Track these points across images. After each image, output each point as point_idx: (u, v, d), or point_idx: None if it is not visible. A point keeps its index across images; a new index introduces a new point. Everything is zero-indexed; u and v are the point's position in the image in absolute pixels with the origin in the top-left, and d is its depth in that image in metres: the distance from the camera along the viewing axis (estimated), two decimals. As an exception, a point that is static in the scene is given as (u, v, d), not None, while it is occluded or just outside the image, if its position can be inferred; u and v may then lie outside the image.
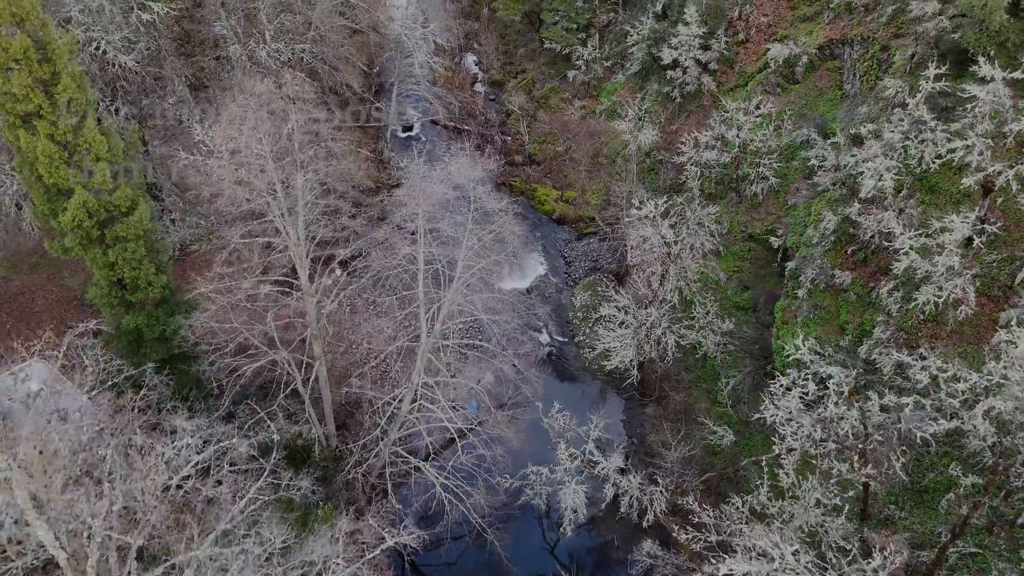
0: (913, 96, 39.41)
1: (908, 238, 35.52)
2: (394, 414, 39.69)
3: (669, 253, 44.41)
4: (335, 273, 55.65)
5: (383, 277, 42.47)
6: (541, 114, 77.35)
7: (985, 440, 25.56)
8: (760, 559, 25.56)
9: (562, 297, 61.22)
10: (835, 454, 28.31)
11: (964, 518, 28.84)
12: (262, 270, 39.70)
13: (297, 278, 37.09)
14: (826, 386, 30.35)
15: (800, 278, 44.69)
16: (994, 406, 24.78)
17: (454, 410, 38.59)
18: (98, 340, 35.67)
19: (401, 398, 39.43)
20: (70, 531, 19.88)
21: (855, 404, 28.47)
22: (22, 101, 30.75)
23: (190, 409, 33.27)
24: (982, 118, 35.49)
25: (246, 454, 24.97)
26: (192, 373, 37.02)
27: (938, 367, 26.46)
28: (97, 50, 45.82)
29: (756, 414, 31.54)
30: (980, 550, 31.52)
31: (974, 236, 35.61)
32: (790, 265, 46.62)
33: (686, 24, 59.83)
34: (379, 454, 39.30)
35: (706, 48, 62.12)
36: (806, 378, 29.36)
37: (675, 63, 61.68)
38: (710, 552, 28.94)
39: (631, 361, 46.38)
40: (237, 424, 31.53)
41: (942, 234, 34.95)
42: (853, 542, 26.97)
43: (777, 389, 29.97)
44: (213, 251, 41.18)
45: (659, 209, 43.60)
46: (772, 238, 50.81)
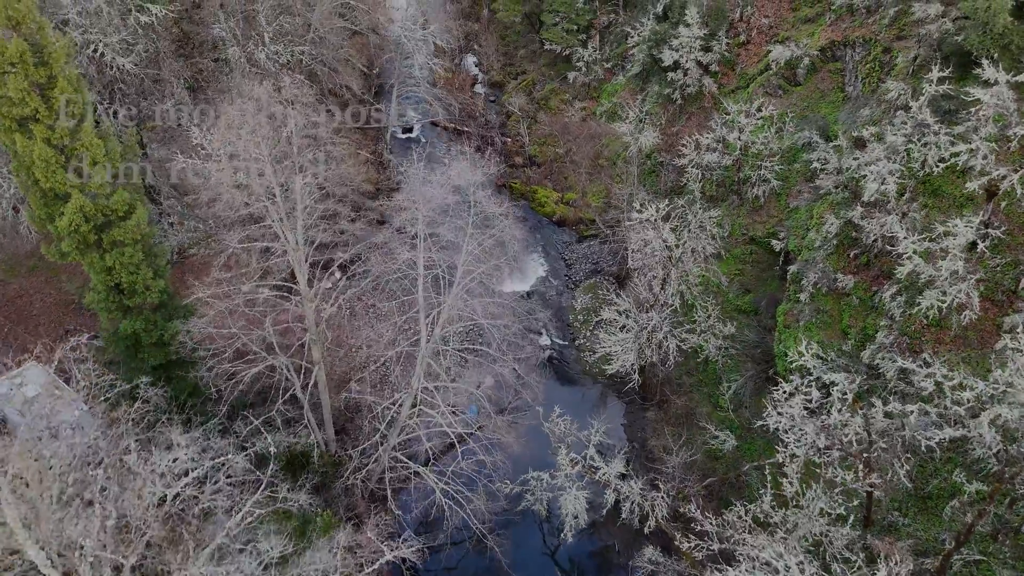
0: (916, 99, 39.14)
1: (911, 242, 35.23)
2: (394, 419, 39.40)
3: (670, 257, 44.14)
4: (335, 276, 55.34)
5: (383, 282, 42.18)
6: (541, 115, 77.06)
7: (991, 448, 25.30)
8: (764, 567, 25.29)
9: (562, 300, 60.94)
10: (839, 462, 28.02)
11: (969, 526, 28.57)
12: (261, 275, 39.41)
13: (296, 282, 36.81)
14: (829, 393, 30.10)
15: (802, 282, 44.41)
16: (1000, 414, 24.52)
17: (454, 415, 38.31)
18: (90, 353, 35.33)
19: (401, 403, 39.14)
20: (62, 551, 19.59)
21: (859, 411, 28.19)
22: (18, 105, 30.52)
23: (187, 422, 32.92)
24: (986, 121, 35.24)
25: (243, 467, 24.65)
26: (190, 379, 36.75)
27: (943, 375, 26.16)
28: (95, 52, 45.53)
29: (759, 421, 31.24)
30: (984, 557, 31.23)
31: (978, 240, 35.33)
32: (792, 269, 46.34)
33: (687, 25, 59.54)
34: (378, 459, 39.02)
35: (707, 50, 61.87)
36: (809, 384, 29.07)
37: (676, 65, 61.42)
38: (712, 562, 28.66)
39: (632, 365, 46.13)
40: (234, 436, 31.11)
41: (946, 238, 34.67)
42: (857, 552, 26.67)
43: (780, 395, 29.68)
44: (211, 255, 40.88)
45: (660, 213, 43.34)
46: (774, 241, 50.55)
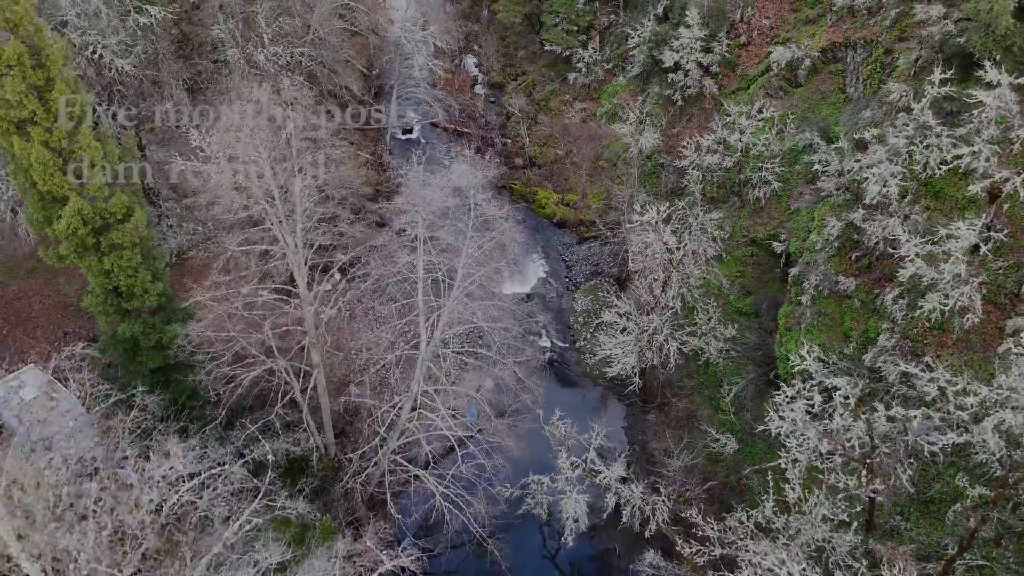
0: (917, 100, 38.94)
1: (914, 245, 35.04)
2: (393, 422, 39.22)
3: (671, 259, 43.96)
4: (334, 278, 55.15)
5: (382, 285, 41.98)
6: (541, 116, 76.89)
7: (995, 453, 25.12)
8: (767, 574, 25.11)
9: (563, 302, 60.75)
10: (841, 467, 27.83)
11: (972, 531, 28.40)
12: (260, 278, 39.22)
13: (295, 285, 36.62)
14: (831, 396, 29.91)
15: (803, 284, 44.20)
16: (1004, 419, 24.33)
17: (454, 418, 38.11)
18: (85, 363, 35.09)
19: (400, 406, 38.96)
20: (56, 565, 19.39)
21: (862, 416, 28.00)
22: (16, 107, 30.31)
23: (183, 431, 32.64)
24: (988, 123, 35.06)
25: (241, 475, 24.43)
26: (189, 383, 36.54)
27: (947, 380, 25.97)
28: (93, 54, 45.33)
29: (761, 425, 31.05)
30: (988, 563, 31.04)
31: (980, 243, 35.13)
32: (793, 271, 46.14)
33: (687, 26, 59.39)
34: (378, 463, 38.84)
35: (708, 51, 61.71)
36: (811, 389, 28.89)
37: (676, 66, 61.26)
38: (714, 568, 28.47)
39: (633, 368, 45.96)
40: (231, 444, 30.85)
41: (948, 241, 34.48)
42: (860, 559, 26.49)
43: (782, 400, 29.48)
44: (211, 258, 40.69)
45: (661, 215, 43.16)
46: (775, 243, 50.39)
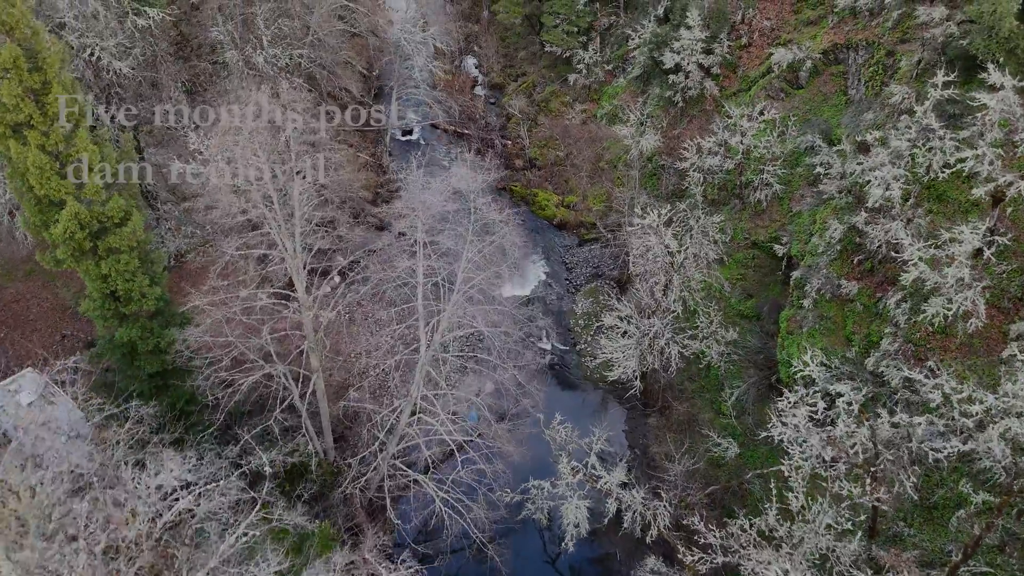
0: (920, 103, 38.70)
1: (917, 249, 34.80)
2: (393, 427, 38.98)
3: (673, 263, 43.71)
4: (334, 281, 54.89)
5: (382, 289, 41.72)
6: (542, 118, 76.61)
7: (1000, 461, 24.87)
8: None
9: (563, 304, 60.49)
10: (845, 474, 27.58)
11: (977, 538, 28.17)
12: (259, 282, 38.98)
13: (294, 290, 36.38)
14: (834, 401, 29.65)
15: (805, 288, 43.96)
16: (1010, 427, 24.09)
17: (454, 423, 37.85)
18: (79, 376, 34.82)
19: (400, 411, 38.72)
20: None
21: (865, 422, 27.76)
22: (12, 111, 30.10)
23: (178, 442, 32.32)
24: (991, 126, 34.81)
25: (238, 487, 24.19)
26: (187, 388, 36.29)
27: (952, 387, 25.71)
28: (91, 56, 45.09)
29: (763, 431, 30.80)
30: (992, 570, 30.80)
31: (984, 247, 34.88)
32: (795, 274, 45.89)
33: (688, 28, 59.13)
34: (377, 468, 38.59)
35: (708, 52, 61.45)
36: (814, 395, 28.64)
37: (677, 67, 60.98)
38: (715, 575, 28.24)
39: (634, 372, 45.71)
40: (227, 457, 30.56)
41: (951, 245, 34.24)
42: (864, 568, 26.24)
43: (785, 406, 29.23)
44: (209, 261, 40.47)
45: (662, 218, 42.91)
46: (776, 246, 50.10)
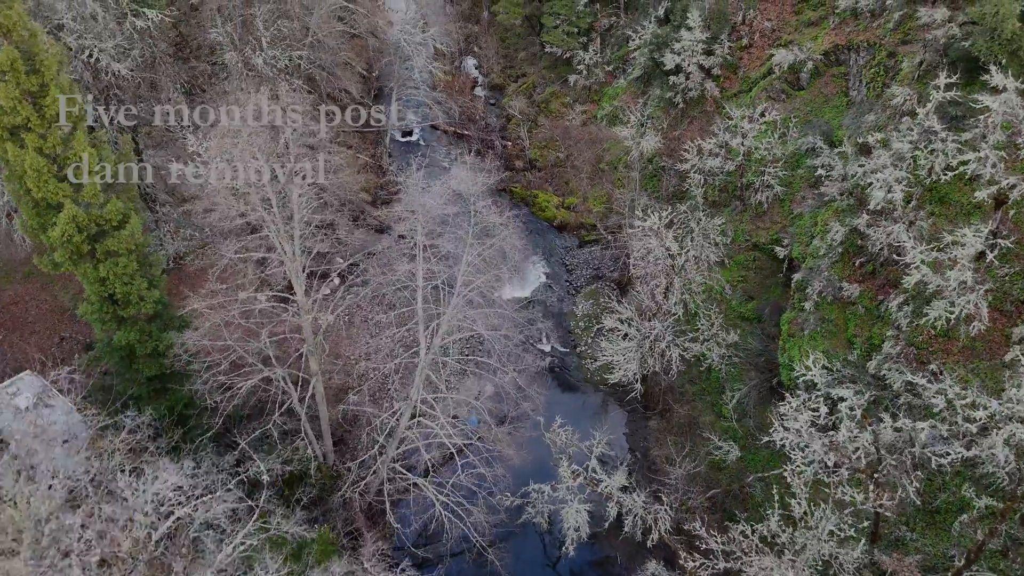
0: (922, 104, 38.48)
1: (919, 252, 34.61)
2: (392, 430, 38.81)
3: (674, 265, 43.53)
4: (333, 283, 54.68)
5: (381, 293, 41.54)
6: (542, 119, 76.42)
7: (1004, 467, 24.70)
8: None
9: (563, 306, 60.27)
10: (847, 479, 27.40)
11: (980, 544, 28.01)
12: (258, 286, 38.81)
13: (293, 293, 36.20)
14: (836, 405, 29.46)
15: (807, 290, 43.76)
16: (1014, 433, 23.91)
17: (453, 426, 37.68)
18: (73, 386, 34.61)
19: (399, 414, 38.54)
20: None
21: (868, 426, 27.58)
22: (9, 114, 29.94)
23: (174, 450, 32.11)
24: (994, 129, 34.61)
25: (235, 497, 24.02)
26: (185, 392, 36.10)
27: (956, 393, 25.51)
28: (90, 58, 44.90)
29: (765, 436, 30.62)
30: (995, 575, 30.64)
31: (987, 250, 34.70)
32: (796, 276, 45.68)
33: (689, 29, 58.93)
34: (377, 471, 38.41)
35: (709, 53, 61.25)
36: (817, 400, 28.45)
37: (678, 68, 60.79)
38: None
39: (635, 375, 45.53)
40: (225, 467, 30.38)
41: (954, 248, 34.05)
42: (867, 574, 26.07)
43: (787, 410, 29.04)
44: (207, 264, 40.30)
45: (663, 220, 42.73)
46: (777, 248, 49.91)
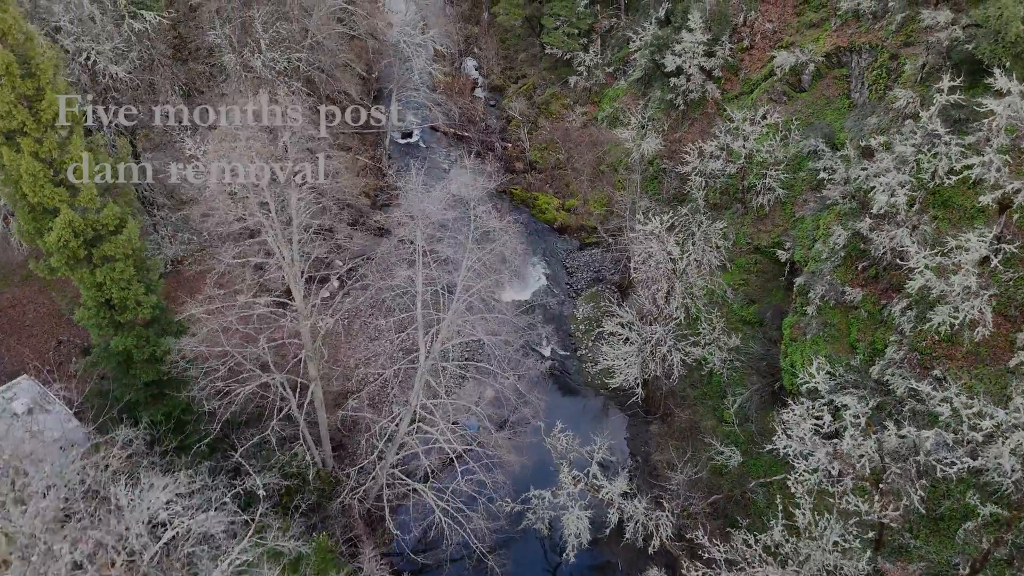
0: (925, 107, 38.24)
1: (923, 257, 34.33)
2: (392, 436, 38.51)
3: (675, 269, 43.25)
4: (333, 286, 54.37)
5: (381, 299, 41.25)
6: (542, 120, 76.12)
7: (1011, 476, 24.42)
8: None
9: (564, 309, 59.97)
10: (851, 488, 27.13)
11: (985, 553, 27.73)
12: (256, 291, 38.50)
13: (292, 298, 35.89)
14: (839, 412, 29.17)
15: (809, 294, 43.49)
16: (1021, 442, 23.64)
17: (453, 432, 37.37)
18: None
19: (399, 420, 38.25)
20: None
21: (872, 434, 27.31)
22: (4, 118, 29.62)
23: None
24: (998, 132, 34.35)
25: (230, 510, 23.74)
26: (182, 398, 35.79)
27: (963, 403, 25.23)
28: (87, 60, 44.62)
29: (769, 444, 30.35)
30: (1000, 583, 30.39)
31: (991, 255, 34.42)
32: (798, 280, 45.41)
33: (690, 30, 58.65)
34: (376, 477, 38.12)
35: (710, 55, 60.97)
36: (821, 408, 28.18)
37: (679, 70, 60.51)
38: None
39: (636, 379, 45.24)
40: (222, 483, 30.04)
41: (958, 253, 33.77)
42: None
43: (791, 417, 28.77)
44: (206, 269, 40.01)
45: (664, 224, 42.44)
46: (779, 251, 49.64)
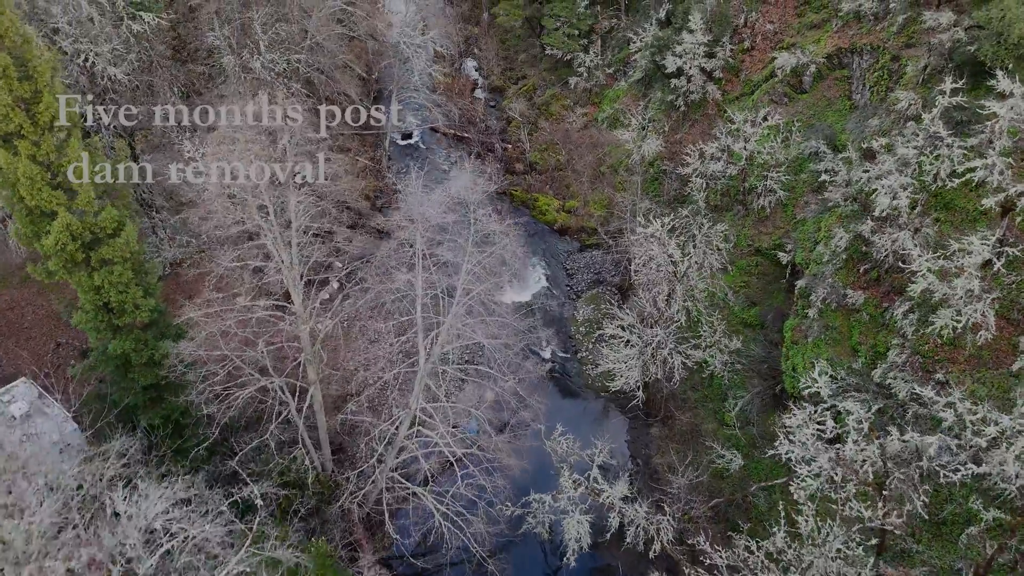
0: (927, 109, 38.07)
1: (925, 259, 34.15)
2: (392, 439, 38.34)
3: (676, 272, 43.07)
4: (332, 287, 54.16)
5: (380, 303, 41.07)
6: (542, 122, 75.94)
7: (1015, 482, 24.24)
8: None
9: (564, 311, 59.78)
10: (854, 494, 26.96)
11: (989, 559, 27.56)
12: (255, 294, 38.32)
13: (290, 301, 35.72)
14: (840, 416, 28.99)
15: (810, 297, 43.29)
16: (1025, 448, 23.49)
17: (453, 435, 37.18)
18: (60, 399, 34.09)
19: (399, 423, 38.08)
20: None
21: (875, 439, 27.13)
22: (2, 121, 29.43)
23: (164, 475, 31.58)
24: (1001, 135, 34.17)
25: (226, 519, 23.59)
26: (181, 401, 35.61)
27: (967, 408, 25.05)
28: (86, 62, 44.46)
29: (770, 447, 30.18)
30: (1003, 588, 30.21)
31: (993, 258, 34.24)
32: (800, 283, 45.21)
33: (690, 31, 58.48)
34: (376, 481, 37.94)
35: (711, 56, 60.79)
36: (823, 413, 28.00)
37: (679, 71, 60.35)
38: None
39: (636, 382, 45.06)
40: (218, 493, 29.87)
41: (960, 256, 33.59)
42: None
43: (793, 422, 28.60)
44: (204, 272, 39.85)
45: (666, 227, 42.27)
46: (780, 253, 49.45)
